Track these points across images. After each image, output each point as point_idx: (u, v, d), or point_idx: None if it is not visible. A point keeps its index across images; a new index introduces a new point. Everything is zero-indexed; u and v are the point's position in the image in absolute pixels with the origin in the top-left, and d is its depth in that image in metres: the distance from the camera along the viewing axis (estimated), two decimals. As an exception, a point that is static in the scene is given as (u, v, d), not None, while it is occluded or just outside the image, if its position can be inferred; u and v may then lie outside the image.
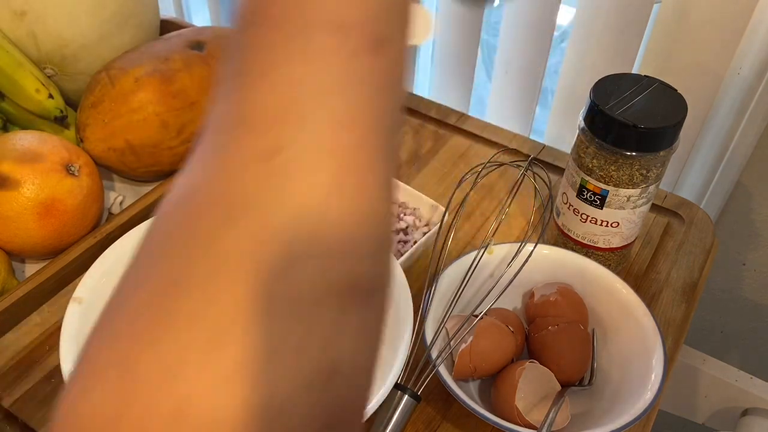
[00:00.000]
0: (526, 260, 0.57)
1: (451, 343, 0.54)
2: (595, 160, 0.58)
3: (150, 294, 0.19)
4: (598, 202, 0.60)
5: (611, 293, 0.58)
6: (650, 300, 0.64)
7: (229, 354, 0.18)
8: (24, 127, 0.73)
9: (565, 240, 0.65)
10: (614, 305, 0.58)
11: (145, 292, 0.19)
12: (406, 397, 0.51)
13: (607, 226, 0.61)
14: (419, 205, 0.67)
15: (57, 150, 0.64)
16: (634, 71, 0.79)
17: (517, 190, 0.73)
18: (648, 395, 0.51)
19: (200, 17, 1.28)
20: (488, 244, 0.60)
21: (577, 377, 0.56)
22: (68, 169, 0.65)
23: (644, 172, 0.57)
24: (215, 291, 0.19)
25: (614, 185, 0.58)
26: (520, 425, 0.50)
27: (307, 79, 0.21)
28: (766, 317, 0.92)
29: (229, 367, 0.18)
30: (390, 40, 0.22)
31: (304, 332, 0.19)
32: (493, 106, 0.95)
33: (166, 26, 0.89)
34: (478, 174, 0.71)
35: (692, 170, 0.86)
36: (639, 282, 0.66)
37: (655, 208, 0.73)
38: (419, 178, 0.76)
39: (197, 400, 0.18)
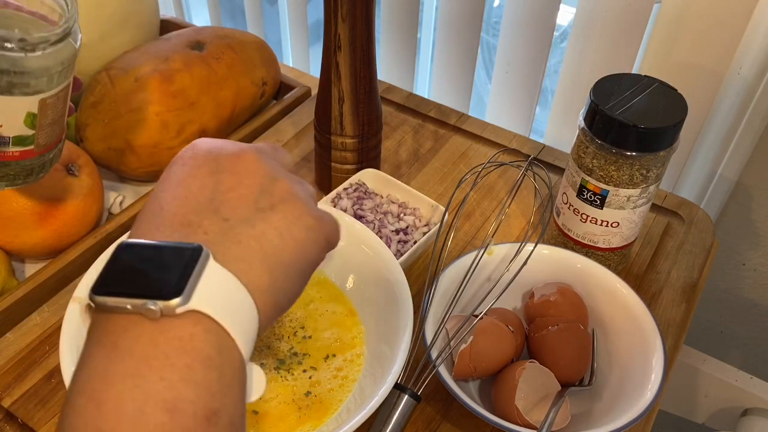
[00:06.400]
0: (526, 260, 0.57)
1: (451, 343, 0.54)
2: (595, 160, 0.58)
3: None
4: (598, 202, 0.60)
5: (611, 293, 0.58)
6: (650, 300, 0.64)
7: None
8: (24, 127, 0.73)
9: (565, 240, 0.65)
10: (614, 305, 0.58)
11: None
12: (406, 397, 0.51)
13: (607, 226, 0.61)
14: (419, 205, 0.67)
15: (57, 150, 0.64)
16: (634, 71, 0.79)
17: (517, 190, 0.73)
18: (648, 395, 0.51)
19: (200, 17, 1.28)
20: (488, 244, 0.60)
21: (577, 377, 0.56)
22: (68, 169, 0.64)
23: (644, 172, 0.57)
24: None
25: (614, 185, 0.58)
26: (520, 425, 0.50)
27: None
28: (766, 317, 0.92)
29: None
30: (222, 411, 0.26)
31: None
32: (493, 106, 0.95)
33: (166, 26, 0.89)
34: (478, 174, 0.71)
35: (692, 170, 0.86)
36: (639, 282, 0.66)
37: (655, 208, 0.73)
38: (419, 178, 0.76)
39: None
